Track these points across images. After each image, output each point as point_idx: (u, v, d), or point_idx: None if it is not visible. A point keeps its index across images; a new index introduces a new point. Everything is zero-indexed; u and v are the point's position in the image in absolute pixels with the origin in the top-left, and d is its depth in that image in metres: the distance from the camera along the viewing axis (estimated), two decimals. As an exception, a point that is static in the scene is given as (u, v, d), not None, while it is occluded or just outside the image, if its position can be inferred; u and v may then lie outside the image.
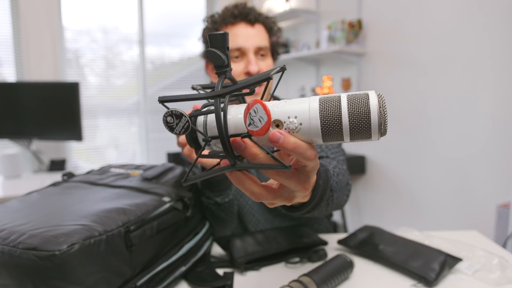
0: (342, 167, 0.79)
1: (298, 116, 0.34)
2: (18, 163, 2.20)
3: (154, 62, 3.13)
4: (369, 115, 0.32)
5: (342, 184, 0.72)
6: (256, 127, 0.34)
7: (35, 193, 0.73)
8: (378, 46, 2.47)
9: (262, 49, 0.93)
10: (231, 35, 0.92)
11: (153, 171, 0.80)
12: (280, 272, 0.76)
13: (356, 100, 0.33)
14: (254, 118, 0.34)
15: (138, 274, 0.61)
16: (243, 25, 0.92)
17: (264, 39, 0.94)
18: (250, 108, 0.34)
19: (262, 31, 0.94)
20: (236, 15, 0.92)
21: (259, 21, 0.94)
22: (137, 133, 3.09)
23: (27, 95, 2.32)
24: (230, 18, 0.92)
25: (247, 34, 0.91)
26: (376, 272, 0.75)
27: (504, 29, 1.82)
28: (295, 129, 0.34)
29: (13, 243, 0.51)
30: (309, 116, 0.34)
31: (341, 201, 0.76)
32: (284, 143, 0.34)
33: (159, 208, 0.66)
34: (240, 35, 0.91)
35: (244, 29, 0.92)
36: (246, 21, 0.92)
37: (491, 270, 0.72)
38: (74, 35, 2.74)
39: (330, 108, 0.33)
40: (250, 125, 0.34)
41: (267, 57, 0.95)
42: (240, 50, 0.91)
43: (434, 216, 2.20)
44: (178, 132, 0.36)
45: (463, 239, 0.90)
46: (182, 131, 0.36)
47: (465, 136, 2.01)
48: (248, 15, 0.92)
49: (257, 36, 0.92)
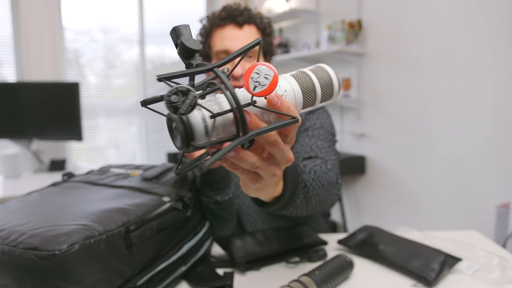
0: (326, 166, 0.77)
1: (281, 86, 0.41)
2: (18, 163, 2.20)
3: (154, 62, 3.13)
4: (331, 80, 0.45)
5: (323, 182, 0.71)
6: (263, 85, 0.35)
7: (35, 193, 0.73)
8: (378, 46, 2.47)
9: (250, 51, 0.92)
10: (219, 38, 0.92)
11: (153, 171, 0.80)
12: (280, 272, 0.76)
13: (319, 72, 0.45)
14: (258, 79, 0.35)
15: (138, 274, 0.61)
16: (231, 27, 0.92)
17: None
18: (251, 72, 0.35)
19: (252, 32, 0.94)
20: (224, 18, 0.92)
21: (250, 23, 0.94)
22: (137, 133, 3.09)
23: (27, 95, 2.32)
24: (219, 21, 0.92)
25: (234, 36, 0.91)
26: (376, 272, 0.75)
27: (504, 29, 1.82)
28: (282, 96, 0.40)
29: (13, 243, 0.51)
30: (291, 86, 0.42)
31: (328, 200, 0.75)
32: (281, 105, 0.38)
33: (159, 208, 0.66)
34: (227, 37, 0.91)
35: (231, 32, 0.92)
36: (234, 23, 0.92)
37: (491, 270, 0.72)
38: (74, 35, 2.74)
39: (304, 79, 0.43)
40: (256, 88, 0.35)
41: (255, 59, 0.94)
42: (226, 52, 0.91)
43: (434, 216, 2.20)
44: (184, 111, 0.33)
45: (463, 239, 0.91)
46: (189, 109, 0.33)
47: (465, 136, 2.01)
48: (236, 17, 0.92)
49: (244, 38, 0.92)
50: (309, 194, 0.65)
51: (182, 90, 0.32)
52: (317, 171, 0.71)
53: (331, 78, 0.45)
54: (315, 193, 0.67)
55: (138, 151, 3.12)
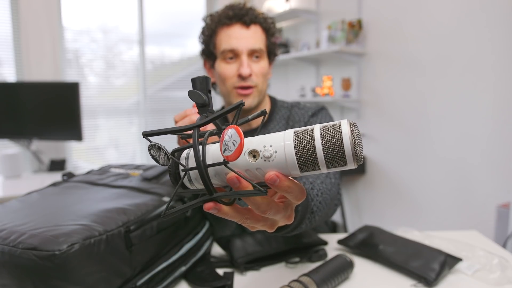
0: (330, 180, 0.77)
1: (273, 145, 0.35)
2: (18, 163, 2.20)
3: (154, 62, 3.13)
4: (342, 144, 0.33)
5: (327, 201, 0.72)
6: (230, 151, 0.34)
7: (35, 193, 0.73)
8: (378, 46, 2.47)
9: (257, 51, 0.92)
10: (225, 36, 0.91)
11: (153, 171, 0.80)
12: (280, 272, 0.76)
13: (328, 131, 0.34)
14: (228, 143, 0.34)
15: (138, 274, 0.61)
16: (238, 26, 0.91)
17: (259, 40, 0.93)
18: (224, 134, 0.35)
19: (258, 32, 0.93)
20: (231, 17, 0.91)
21: (256, 22, 0.93)
22: (137, 133, 3.09)
23: (27, 95, 2.32)
24: (225, 19, 0.91)
25: (241, 35, 0.91)
26: (376, 272, 0.75)
27: (503, 29, 1.82)
28: (270, 157, 0.35)
29: (13, 243, 0.51)
30: (283, 144, 0.35)
31: (329, 213, 0.77)
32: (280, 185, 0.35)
33: (159, 208, 0.66)
34: (234, 36, 0.90)
35: (238, 31, 0.91)
36: (241, 23, 0.91)
37: (491, 270, 0.72)
38: (74, 35, 2.74)
39: (303, 139, 0.34)
40: (225, 151, 0.35)
41: (261, 59, 0.94)
42: (233, 51, 0.90)
43: (434, 216, 2.20)
44: (163, 163, 0.39)
45: (463, 239, 0.91)
46: (165, 161, 0.39)
47: (465, 136, 2.01)
48: (243, 17, 0.91)
49: (251, 37, 0.91)
50: (314, 217, 0.66)
51: (155, 147, 0.39)
52: (323, 192, 0.71)
53: (342, 139, 0.33)
54: (320, 214, 0.68)
55: (138, 151, 3.12)
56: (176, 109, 3.22)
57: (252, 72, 0.91)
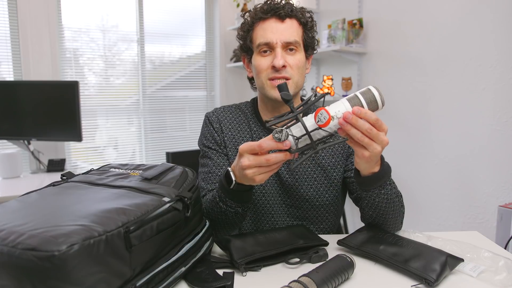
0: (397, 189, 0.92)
1: (340, 110, 0.68)
2: (16, 163, 2.19)
3: (154, 61, 3.12)
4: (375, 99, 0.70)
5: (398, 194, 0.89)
6: (322, 122, 0.67)
7: (34, 193, 0.73)
8: (378, 46, 2.47)
9: (291, 44, 0.93)
10: (261, 30, 0.94)
11: (153, 171, 0.79)
12: (280, 272, 0.75)
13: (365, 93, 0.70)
14: (320, 117, 0.67)
15: (138, 275, 0.60)
16: (273, 20, 0.93)
17: (294, 34, 0.94)
18: (317, 112, 0.68)
19: (294, 25, 0.94)
20: (266, 11, 0.93)
21: (292, 16, 0.94)
22: (137, 132, 3.09)
23: (25, 94, 2.31)
24: (261, 14, 0.94)
25: (276, 29, 0.92)
26: (377, 272, 0.75)
27: (504, 29, 1.82)
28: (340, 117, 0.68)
29: (12, 243, 0.51)
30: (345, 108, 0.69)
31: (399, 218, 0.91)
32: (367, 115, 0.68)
33: (159, 208, 0.65)
34: (269, 30, 0.92)
35: (273, 24, 0.93)
36: (276, 16, 0.93)
37: (497, 272, 0.71)
38: (73, 34, 2.74)
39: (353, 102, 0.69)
40: (319, 121, 0.67)
41: (297, 52, 0.95)
42: (268, 44, 0.92)
43: (435, 216, 2.19)
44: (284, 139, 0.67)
45: (464, 239, 0.90)
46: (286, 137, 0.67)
47: (466, 136, 2.01)
48: (278, 10, 0.93)
49: (286, 31, 0.92)
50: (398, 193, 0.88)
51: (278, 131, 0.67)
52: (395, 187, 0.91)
53: (375, 97, 0.69)
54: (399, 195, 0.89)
55: (138, 151, 3.11)
56: (176, 109, 3.22)
57: (287, 64, 0.92)
